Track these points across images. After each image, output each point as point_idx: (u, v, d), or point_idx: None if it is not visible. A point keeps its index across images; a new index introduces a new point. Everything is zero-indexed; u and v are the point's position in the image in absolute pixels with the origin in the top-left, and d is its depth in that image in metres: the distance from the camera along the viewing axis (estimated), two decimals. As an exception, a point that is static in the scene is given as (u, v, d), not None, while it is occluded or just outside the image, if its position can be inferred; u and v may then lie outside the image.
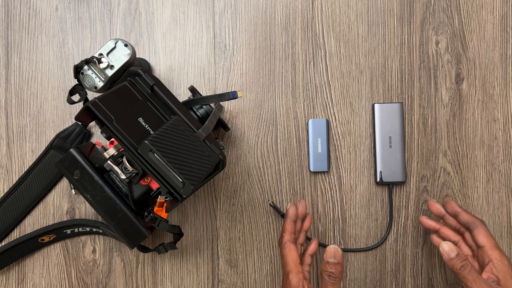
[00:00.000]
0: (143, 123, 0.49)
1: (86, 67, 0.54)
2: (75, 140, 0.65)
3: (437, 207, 0.60)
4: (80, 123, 0.64)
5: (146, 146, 0.44)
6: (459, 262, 0.52)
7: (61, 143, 0.65)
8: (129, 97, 0.50)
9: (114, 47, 0.54)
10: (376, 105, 0.66)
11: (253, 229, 0.67)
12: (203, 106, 0.58)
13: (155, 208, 0.51)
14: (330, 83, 0.67)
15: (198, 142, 0.49)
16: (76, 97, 0.55)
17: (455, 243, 0.58)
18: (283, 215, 0.66)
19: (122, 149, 0.50)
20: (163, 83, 0.59)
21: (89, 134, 0.66)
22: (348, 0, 0.67)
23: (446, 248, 0.53)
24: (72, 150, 0.51)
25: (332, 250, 0.53)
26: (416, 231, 0.66)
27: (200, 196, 0.67)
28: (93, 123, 0.67)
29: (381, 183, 0.65)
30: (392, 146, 0.65)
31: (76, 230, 0.65)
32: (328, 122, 0.66)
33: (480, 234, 0.56)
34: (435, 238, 0.60)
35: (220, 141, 0.64)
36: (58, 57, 0.67)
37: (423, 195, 0.66)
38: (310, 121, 0.66)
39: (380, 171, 0.65)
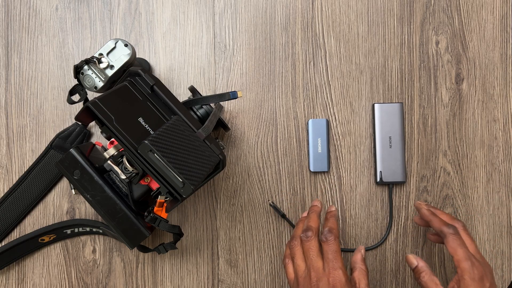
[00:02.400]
0: (143, 123, 0.49)
1: (86, 67, 0.54)
2: (75, 140, 0.65)
3: (420, 221, 0.60)
4: (80, 123, 0.64)
5: (146, 146, 0.44)
6: (416, 274, 0.54)
7: (61, 143, 0.65)
8: (129, 97, 0.50)
9: (114, 47, 0.54)
10: (376, 105, 0.66)
11: (253, 229, 0.67)
12: (203, 106, 0.58)
13: (155, 208, 0.51)
14: (330, 83, 0.67)
15: (198, 142, 0.49)
16: (76, 97, 0.55)
17: None
18: (283, 215, 0.66)
19: (122, 149, 0.50)
20: (163, 83, 0.59)
21: (89, 134, 0.66)
22: (348, 0, 0.67)
23: (408, 260, 0.55)
24: (72, 150, 0.51)
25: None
26: (416, 231, 0.66)
27: (200, 196, 0.67)
28: (93, 123, 0.67)
29: (381, 183, 0.65)
30: (392, 146, 0.65)
31: (76, 230, 0.65)
32: (328, 122, 0.66)
33: (447, 245, 0.52)
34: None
35: (220, 141, 0.64)
36: (58, 57, 0.67)
37: (423, 195, 0.66)
38: (310, 121, 0.66)
39: (380, 171, 0.65)
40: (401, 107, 0.66)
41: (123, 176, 0.50)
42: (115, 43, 0.54)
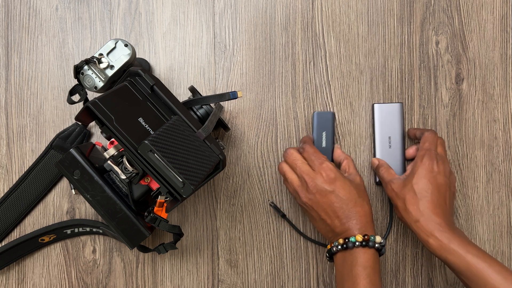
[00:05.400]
0: (143, 123, 0.49)
1: (86, 67, 0.54)
2: (75, 140, 0.65)
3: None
4: (80, 123, 0.64)
5: (146, 146, 0.44)
6: (376, 169, 0.63)
7: (61, 143, 0.65)
8: (129, 97, 0.50)
9: (114, 47, 0.54)
10: (375, 105, 0.65)
11: (253, 229, 0.67)
12: (203, 106, 0.58)
13: (155, 208, 0.51)
14: (330, 83, 0.67)
15: (198, 142, 0.49)
16: (76, 97, 0.55)
17: None
18: (283, 215, 0.66)
19: (122, 149, 0.50)
20: (163, 83, 0.59)
21: (89, 134, 0.66)
22: (348, 0, 0.67)
23: (372, 162, 0.65)
24: (72, 150, 0.51)
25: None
26: (416, 231, 0.66)
27: (200, 196, 0.67)
28: (93, 123, 0.67)
29: (380, 184, 0.65)
30: (391, 146, 0.65)
31: (76, 230, 0.65)
32: (334, 115, 0.65)
33: (421, 141, 0.61)
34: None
35: (220, 141, 0.64)
36: (58, 57, 0.67)
37: (423, 195, 0.66)
38: (315, 114, 0.65)
39: None
40: (401, 107, 0.65)
41: (123, 176, 0.50)
42: (115, 43, 0.54)
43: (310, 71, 0.67)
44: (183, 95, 0.67)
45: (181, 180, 0.45)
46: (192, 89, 0.60)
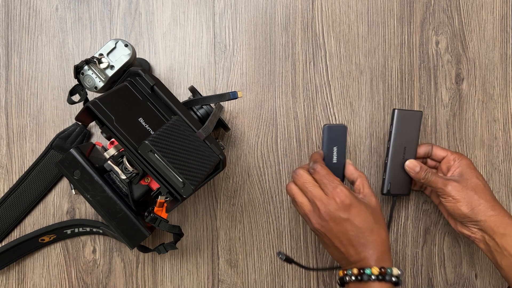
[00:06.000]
0: (143, 123, 0.49)
1: (86, 67, 0.54)
2: (75, 140, 0.65)
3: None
4: (80, 123, 0.64)
5: (147, 146, 0.44)
6: (423, 172, 0.59)
7: (61, 143, 0.65)
8: (129, 97, 0.51)
9: (114, 47, 0.54)
10: (396, 111, 0.61)
11: (253, 229, 0.67)
12: (203, 106, 0.58)
13: (155, 208, 0.51)
14: (330, 83, 0.67)
15: (198, 142, 0.49)
16: (76, 97, 0.55)
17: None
18: (291, 261, 0.60)
19: (122, 149, 0.50)
20: (163, 83, 0.59)
21: (89, 134, 0.66)
22: (348, 0, 0.67)
23: (411, 164, 0.60)
24: (72, 150, 0.51)
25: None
26: (416, 231, 0.66)
27: (200, 196, 0.67)
28: (93, 123, 0.67)
29: (388, 194, 0.62)
30: (405, 157, 0.61)
31: (76, 230, 0.65)
32: (346, 129, 0.60)
33: (436, 150, 0.61)
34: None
35: (220, 141, 0.64)
36: (58, 57, 0.67)
37: (423, 195, 0.66)
38: (326, 127, 0.60)
39: (390, 183, 0.62)
40: (421, 116, 0.61)
41: (123, 176, 0.50)
42: (115, 43, 0.54)
43: (310, 71, 0.67)
44: (183, 95, 0.67)
45: (181, 180, 0.45)
46: (192, 89, 0.60)
